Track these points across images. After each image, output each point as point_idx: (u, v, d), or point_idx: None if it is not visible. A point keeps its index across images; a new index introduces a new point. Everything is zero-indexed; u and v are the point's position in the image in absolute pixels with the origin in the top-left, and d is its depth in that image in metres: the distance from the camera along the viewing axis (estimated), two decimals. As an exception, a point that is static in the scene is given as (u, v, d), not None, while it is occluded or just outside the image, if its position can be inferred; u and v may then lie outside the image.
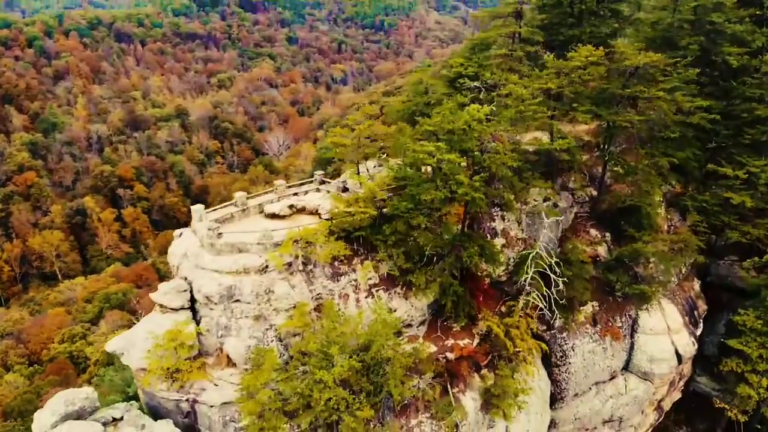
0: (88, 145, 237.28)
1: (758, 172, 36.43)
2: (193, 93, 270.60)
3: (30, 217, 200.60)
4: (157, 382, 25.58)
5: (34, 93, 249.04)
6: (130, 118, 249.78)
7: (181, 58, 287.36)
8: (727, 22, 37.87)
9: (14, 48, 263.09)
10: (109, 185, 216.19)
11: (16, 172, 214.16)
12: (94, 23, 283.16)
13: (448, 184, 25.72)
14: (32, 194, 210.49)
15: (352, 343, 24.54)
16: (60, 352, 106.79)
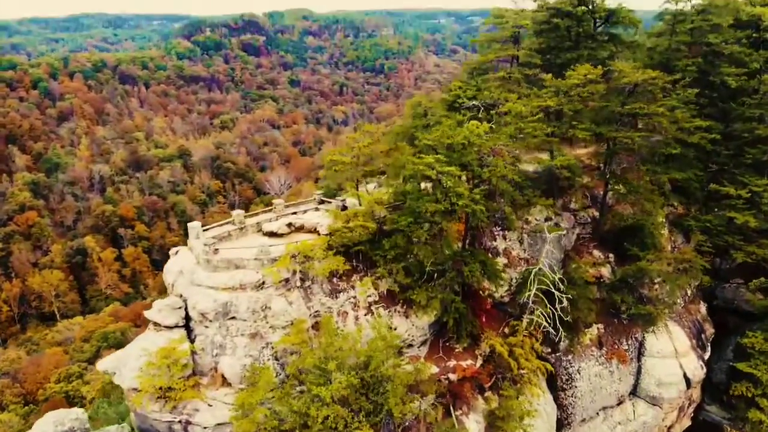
0: (90, 185, 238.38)
1: (761, 192, 36.09)
2: (195, 134, 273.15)
3: (30, 256, 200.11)
4: (149, 402, 24.71)
5: (38, 133, 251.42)
6: (132, 158, 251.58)
7: (185, 99, 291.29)
8: (724, 43, 38.12)
9: (19, 89, 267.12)
10: (110, 225, 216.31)
11: (18, 211, 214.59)
12: (99, 66, 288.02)
13: (448, 197, 25.35)
14: (33, 234, 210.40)
15: (351, 361, 23.77)
16: (56, 392, 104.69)
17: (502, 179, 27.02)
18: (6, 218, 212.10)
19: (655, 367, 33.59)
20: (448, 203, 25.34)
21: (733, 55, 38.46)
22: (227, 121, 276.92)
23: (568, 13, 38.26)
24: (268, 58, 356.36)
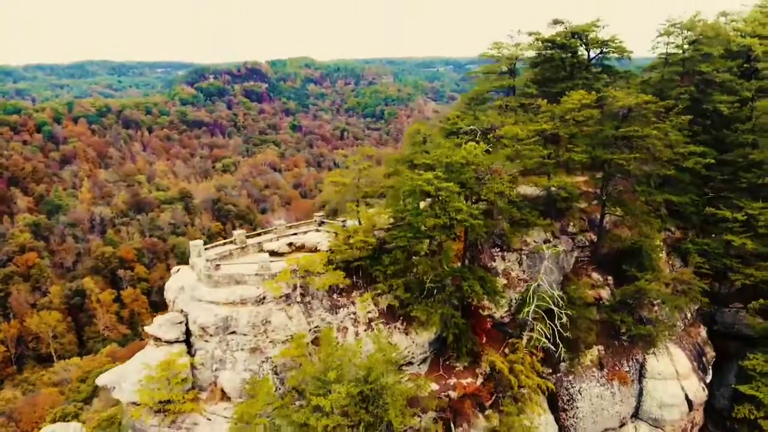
0: (90, 227, 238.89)
1: (757, 215, 36.56)
2: (197, 177, 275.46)
3: (29, 297, 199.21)
4: (148, 415, 24.59)
5: (40, 176, 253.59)
6: (133, 200, 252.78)
7: (187, 144, 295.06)
8: (715, 72, 39.26)
9: (23, 132, 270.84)
10: (109, 266, 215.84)
11: (18, 252, 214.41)
12: (104, 111, 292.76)
13: (447, 212, 25.78)
14: (32, 275, 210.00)
15: (351, 373, 23.75)
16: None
17: (499, 196, 27.51)
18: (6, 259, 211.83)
19: (657, 389, 33.35)
20: (447, 218, 25.76)
21: (724, 83, 39.56)
22: (229, 164, 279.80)
23: (563, 45, 39.46)
24: (270, 104, 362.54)
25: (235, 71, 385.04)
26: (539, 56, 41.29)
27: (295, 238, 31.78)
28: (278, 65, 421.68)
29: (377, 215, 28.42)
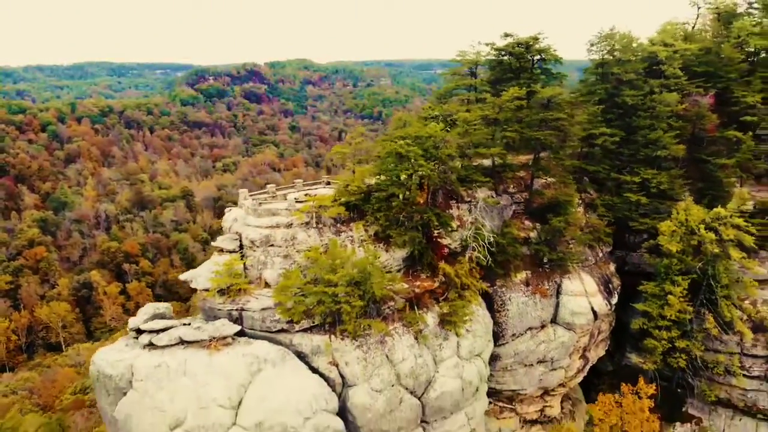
0: (96, 223, 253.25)
1: (650, 179, 51.66)
2: (198, 176, 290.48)
3: (38, 289, 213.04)
4: (216, 297, 39.34)
5: (46, 174, 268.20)
6: (137, 198, 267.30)
7: (188, 144, 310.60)
8: (625, 72, 54.44)
9: (28, 132, 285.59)
10: (115, 260, 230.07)
11: (27, 246, 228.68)
12: (106, 111, 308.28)
13: (413, 165, 40.67)
14: (41, 268, 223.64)
15: (349, 265, 38.46)
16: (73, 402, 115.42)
17: (449, 158, 42.45)
18: (15, 253, 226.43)
19: (570, 302, 48.12)
20: (413, 169, 40.64)
21: (631, 81, 54.68)
22: (229, 164, 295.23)
23: (511, 53, 54.39)
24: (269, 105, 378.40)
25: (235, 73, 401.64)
26: (493, 61, 56.24)
27: (309, 190, 46.75)
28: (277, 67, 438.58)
29: (366, 170, 43.31)
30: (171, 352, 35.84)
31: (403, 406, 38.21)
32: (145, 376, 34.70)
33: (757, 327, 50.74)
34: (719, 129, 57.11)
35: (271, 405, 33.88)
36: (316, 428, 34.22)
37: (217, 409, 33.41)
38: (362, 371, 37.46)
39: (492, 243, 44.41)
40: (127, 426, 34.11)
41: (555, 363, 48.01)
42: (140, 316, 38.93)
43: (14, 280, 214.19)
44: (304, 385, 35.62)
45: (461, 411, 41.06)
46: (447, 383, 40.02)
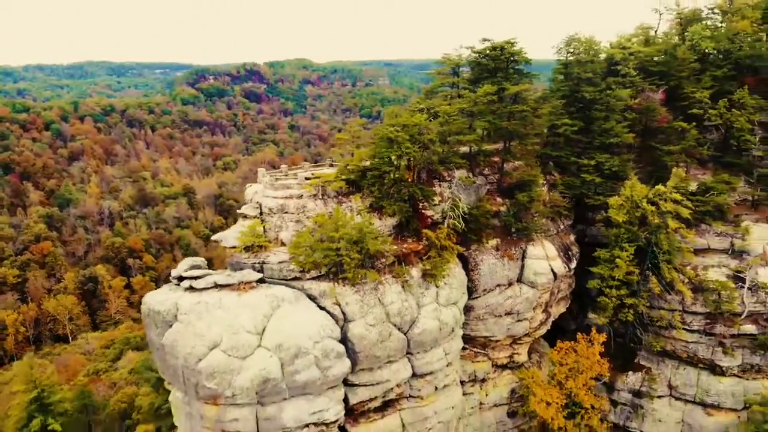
0: (100, 220, 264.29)
1: (604, 162, 62.59)
2: (199, 174, 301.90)
3: (45, 283, 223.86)
4: (242, 252, 50.14)
5: (50, 171, 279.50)
6: (140, 195, 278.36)
7: (189, 142, 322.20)
8: (584, 72, 65.34)
9: (32, 130, 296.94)
10: (119, 255, 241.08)
11: (33, 241, 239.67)
12: (108, 110, 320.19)
13: (401, 148, 51.46)
14: (47, 262, 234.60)
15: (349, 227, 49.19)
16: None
17: (430, 142, 53.28)
18: (22, 248, 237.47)
19: (533, 265, 58.86)
20: (401, 151, 51.42)
21: (590, 79, 65.57)
22: (230, 162, 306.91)
23: (487, 55, 65.15)
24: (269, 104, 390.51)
25: (235, 72, 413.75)
26: (473, 62, 67.01)
27: (316, 170, 57.63)
28: (276, 67, 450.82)
29: (363, 153, 54.17)
30: (208, 293, 46.68)
31: (392, 339, 49.01)
32: (188, 310, 45.50)
33: (697, 288, 61.46)
34: (669, 120, 67.93)
35: (288, 331, 44.63)
36: (323, 350, 45.00)
37: (246, 334, 44.16)
38: (359, 310, 48.30)
39: (467, 214, 55.22)
40: (173, 350, 44.79)
41: (520, 315, 58.82)
42: (181, 267, 49.79)
43: (22, 274, 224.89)
44: (314, 318, 46.44)
45: (439, 347, 51.89)
46: (427, 323, 50.83)
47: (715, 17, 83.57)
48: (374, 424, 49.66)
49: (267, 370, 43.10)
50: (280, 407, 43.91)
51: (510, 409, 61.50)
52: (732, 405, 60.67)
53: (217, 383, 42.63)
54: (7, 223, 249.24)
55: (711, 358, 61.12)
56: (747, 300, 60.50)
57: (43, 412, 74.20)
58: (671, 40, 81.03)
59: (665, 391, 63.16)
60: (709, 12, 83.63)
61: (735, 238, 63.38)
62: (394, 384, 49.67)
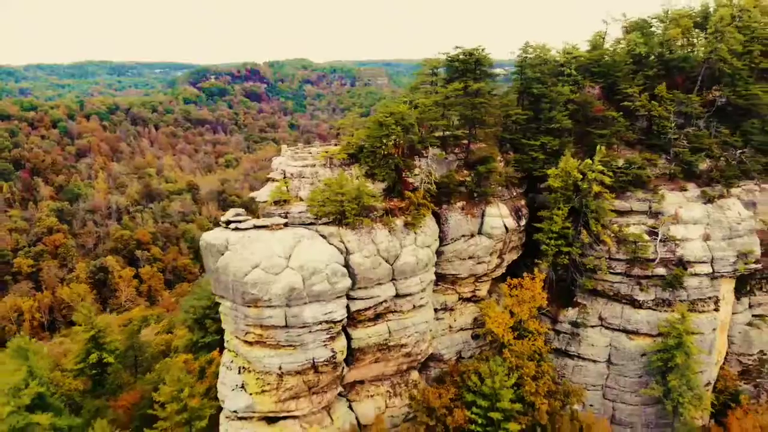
0: (108, 214, 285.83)
1: (547, 143, 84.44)
2: (202, 171, 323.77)
3: (58, 272, 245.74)
4: (272, 206, 71.90)
5: (59, 167, 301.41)
6: (146, 191, 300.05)
7: (192, 140, 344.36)
8: (534, 72, 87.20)
9: (40, 128, 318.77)
10: (128, 247, 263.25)
11: (46, 233, 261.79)
12: (113, 108, 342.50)
13: (389, 130, 73.21)
14: (59, 253, 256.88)
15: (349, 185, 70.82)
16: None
17: (410, 126, 75.05)
18: (36, 239, 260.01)
19: (489, 221, 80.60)
20: (388, 131, 73.15)
21: (538, 78, 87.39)
22: (231, 160, 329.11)
23: (458, 59, 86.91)
24: (269, 104, 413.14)
25: (236, 72, 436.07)
26: (448, 65, 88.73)
27: (325, 147, 79.54)
28: (276, 67, 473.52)
29: (361, 133, 75.99)
30: (249, 232, 68.39)
31: (381, 267, 70.65)
32: (236, 242, 67.18)
33: (620, 240, 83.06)
34: (603, 111, 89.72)
35: (307, 257, 66.21)
36: (332, 270, 66.56)
37: (277, 258, 65.71)
38: (357, 246, 69.97)
39: (439, 182, 77.05)
40: (225, 270, 66.27)
41: (480, 259, 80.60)
42: (228, 214, 71.62)
43: (35, 263, 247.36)
44: (325, 249, 68.10)
45: (416, 276, 73.50)
46: (407, 258, 72.43)
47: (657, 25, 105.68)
48: (368, 329, 71.40)
49: (293, 282, 64.66)
50: (302, 309, 65.45)
51: (473, 333, 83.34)
52: (648, 331, 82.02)
53: (257, 291, 64.18)
54: (19, 216, 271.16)
55: (631, 295, 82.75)
56: (659, 249, 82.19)
57: (99, 349, 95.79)
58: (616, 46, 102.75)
59: (597, 322, 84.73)
60: (652, 21, 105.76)
61: (653, 202, 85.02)
62: (383, 299, 71.28)
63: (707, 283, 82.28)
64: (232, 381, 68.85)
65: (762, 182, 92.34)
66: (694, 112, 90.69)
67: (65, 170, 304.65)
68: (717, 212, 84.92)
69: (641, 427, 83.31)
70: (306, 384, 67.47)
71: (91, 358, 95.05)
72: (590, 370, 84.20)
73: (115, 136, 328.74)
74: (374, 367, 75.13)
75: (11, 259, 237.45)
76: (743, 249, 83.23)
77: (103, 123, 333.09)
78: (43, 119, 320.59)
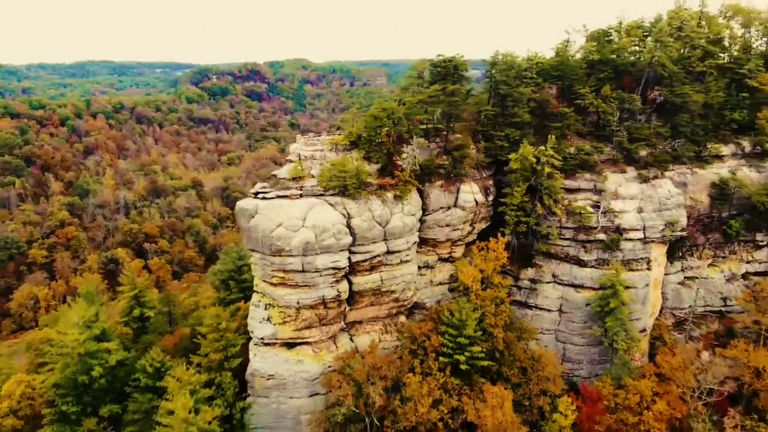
0: (116, 209, 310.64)
1: (510, 134, 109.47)
2: (205, 169, 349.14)
3: (70, 263, 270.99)
4: (290, 181, 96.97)
5: (68, 164, 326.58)
6: (152, 187, 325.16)
7: (195, 139, 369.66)
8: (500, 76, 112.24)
9: (48, 126, 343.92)
10: (136, 240, 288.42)
11: (58, 226, 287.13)
12: (118, 107, 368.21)
13: (381, 121, 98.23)
14: (72, 245, 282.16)
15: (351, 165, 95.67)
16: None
17: (399, 119, 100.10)
18: (49, 232, 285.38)
19: (463, 196, 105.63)
20: (381, 123, 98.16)
21: (504, 81, 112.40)
22: (234, 158, 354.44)
23: (440, 64, 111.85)
24: (269, 103, 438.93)
25: (237, 72, 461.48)
26: (432, 69, 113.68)
27: (332, 136, 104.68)
28: (276, 66, 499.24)
29: (360, 124, 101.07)
30: (273, 201, 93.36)
31: (375, 229, 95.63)
32: (263, 208, 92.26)
33: (569, 212, 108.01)
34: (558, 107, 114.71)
35: (318, 219, 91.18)
36: (338, 229, 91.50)
37: (295, 219, 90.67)
38: (357, 212, 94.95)
39: (422, 164, 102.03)
40: (256, 228, 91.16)
41: (455, 226, 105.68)
42: (257, 187, 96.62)
43: (49, 255, 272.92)
44: (332, 214, 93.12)
45: (403, 237, 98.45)
46: (396, 223, 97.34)
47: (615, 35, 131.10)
48: (365, 277, 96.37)
49: (307, 237, 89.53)
50: (315, 258, 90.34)
51: (450, 286, 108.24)
52: (591, 285, 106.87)
53: (281, 243, 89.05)
54: (32, 210, 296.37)
55: (577, 256, 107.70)
56: (600, 219, 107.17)
57: (140, 306, 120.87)
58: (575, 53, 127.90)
59: (550, 279, 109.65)
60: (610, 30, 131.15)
61: (597, 182, 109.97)
62: (376, 254, 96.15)
63: (640, 246, 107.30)
64: (260, 315, 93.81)
65: (694, 167, 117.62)
66: (636, 109, 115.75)
67: (74, 167, 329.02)
68: (650, 190, 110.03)
69: (587, 363, 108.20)
70: (317, 316, 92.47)
71: (134, 312, 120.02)
72: (545, 318, 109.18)
73: (121, 134, 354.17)
74: (370, 310, 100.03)
75: (26, 250, 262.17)
76: (670, 219, 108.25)
77: (109, 121, 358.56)
78: (51, 117, 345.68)
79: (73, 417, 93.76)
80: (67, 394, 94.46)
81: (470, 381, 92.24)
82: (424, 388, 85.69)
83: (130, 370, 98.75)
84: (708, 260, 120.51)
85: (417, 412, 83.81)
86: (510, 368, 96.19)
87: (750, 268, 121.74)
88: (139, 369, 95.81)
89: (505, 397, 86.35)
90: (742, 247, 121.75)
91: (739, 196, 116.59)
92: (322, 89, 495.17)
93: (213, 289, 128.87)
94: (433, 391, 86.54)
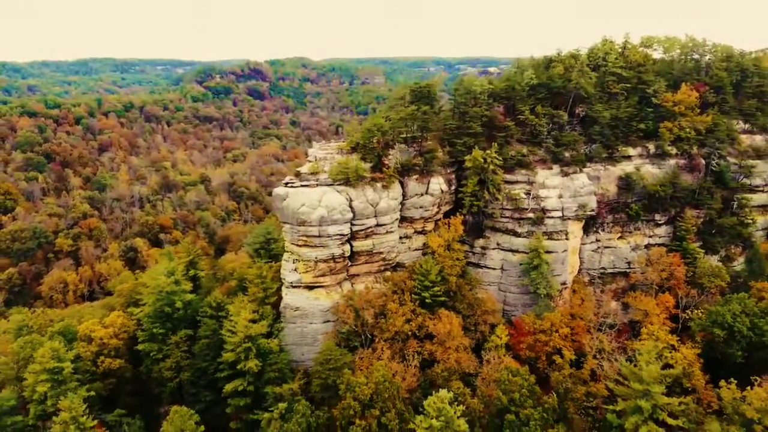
0: (132, 202, 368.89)
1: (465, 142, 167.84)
2: (211, 165, 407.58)
3: (93, 252, 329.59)
4: (310, 175, 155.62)
5: (86, 161, 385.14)
6: (164, 182, 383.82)
7: (201, 136, 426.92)
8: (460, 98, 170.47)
9: (64, 124, 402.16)
10: (152, 231, 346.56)
11: (81, 218, 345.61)
12: (128, 106, 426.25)
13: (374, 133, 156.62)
14: (94, 235, 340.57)
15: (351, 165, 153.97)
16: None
17: (386, 131, 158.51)
18: (73, 223, 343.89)
19: (432, 186, 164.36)
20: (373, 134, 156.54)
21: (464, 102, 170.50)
22: (238, 155, 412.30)
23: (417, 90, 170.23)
24: (271, 101, 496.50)
25: (239, 71, 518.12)
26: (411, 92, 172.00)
27: (339, 143, 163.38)
28: (277, 65, 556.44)
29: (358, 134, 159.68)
30: (298, 189, 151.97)
31: (369, 209, 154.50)
32: (292, 193, 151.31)
33: (508, 198, 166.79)
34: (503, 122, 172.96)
35: (329, 201, 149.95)
36: (343, 208, 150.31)
37: (314, 200, 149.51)
38: (356, 197, 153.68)
39: (403, 163, 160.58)
40: (287, 206, 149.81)
41: (426, 208, 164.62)
42: (286, 179, 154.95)
43: (74, 243, 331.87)
44: (339, 198, 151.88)
45: (389, 215, 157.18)
46: (383, 205, 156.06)
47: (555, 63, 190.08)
48: (362, 242, 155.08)
49: (322, 213, 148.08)
50: (327, 227, 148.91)
51: (423, 252, 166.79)
52: (523, 250, 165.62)
53: (305, 217, 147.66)
54: (55, 203, 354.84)
55: (514, 229, 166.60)
56: (530, 204, 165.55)
57: (194, 268, 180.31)
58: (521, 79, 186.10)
59: (495, 246, 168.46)
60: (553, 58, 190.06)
61: (530, 176, 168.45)
62: (369, 226, 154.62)
63: (559, 222, 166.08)
64: (290, 267, 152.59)
65: (607, 164, 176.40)
66: (563, 122, 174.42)
67: (91, 163, 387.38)
68: (568, 182, 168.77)
69: (521, 306, 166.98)
70: (329, 268, 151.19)
71: (190, 272, 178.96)
72: (491, 274, 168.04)
73: (131, 132, 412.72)
74: (365, 266, 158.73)
75: (53, 239, 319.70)
76: (582, 203, 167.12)
77: (120, 120, 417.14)
78: (67, 116, 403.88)
79: (160, 337, 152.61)
80: (156, 321, 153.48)
81: (432, 311, 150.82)
82: (399, 311, 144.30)
83: (195, 308, 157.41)
84: (618, 234, 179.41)
85: (395, 325, 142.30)
86: (461, 303, 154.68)
87: (651, 241, 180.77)
88: (205, 305, 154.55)
89: (453, 318, 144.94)
90: (645, 225, 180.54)
91: (640, 187, 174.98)
92: (321, 87, 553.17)
93: (248, 256, 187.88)
94: (407, 314, 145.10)
